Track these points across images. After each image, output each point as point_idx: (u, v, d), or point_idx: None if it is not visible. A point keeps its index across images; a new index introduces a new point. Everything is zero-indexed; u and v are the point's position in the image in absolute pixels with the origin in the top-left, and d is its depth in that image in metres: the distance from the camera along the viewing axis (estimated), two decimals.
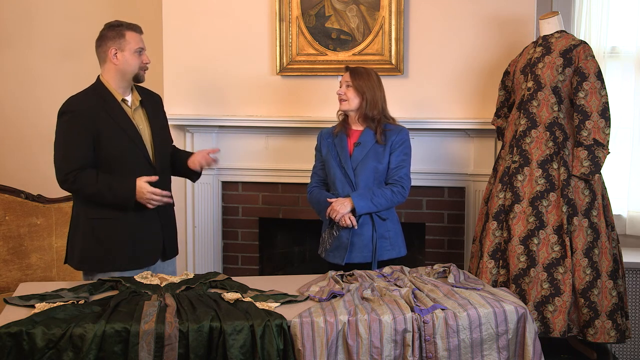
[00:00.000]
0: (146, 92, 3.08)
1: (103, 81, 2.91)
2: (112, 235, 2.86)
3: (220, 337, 2.19)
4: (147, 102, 3.02)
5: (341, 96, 3.12)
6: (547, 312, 3.19)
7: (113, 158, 2.84)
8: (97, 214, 2.87)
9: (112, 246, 2.86)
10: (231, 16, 4.00)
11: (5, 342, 2.13)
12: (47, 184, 4.33)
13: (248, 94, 4.01)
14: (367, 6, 3.84)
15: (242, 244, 4.13)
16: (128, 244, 2.87)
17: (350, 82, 3.11)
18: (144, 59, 2.94)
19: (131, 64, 2.90)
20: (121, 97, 2.91)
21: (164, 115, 3.12)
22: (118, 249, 2.87)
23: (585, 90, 3.22)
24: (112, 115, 2.85)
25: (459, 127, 3.78)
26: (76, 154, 2.81)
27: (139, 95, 2.99)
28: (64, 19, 4.57)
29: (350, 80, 3.11)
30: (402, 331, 2.28)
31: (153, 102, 3.06)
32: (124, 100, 2.92)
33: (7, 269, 3.67)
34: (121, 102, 2.91)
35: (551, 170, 3.26)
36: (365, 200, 3.02)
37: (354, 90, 3.11)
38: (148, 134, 2.95)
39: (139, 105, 2.98)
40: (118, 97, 2.90)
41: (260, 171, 4.04)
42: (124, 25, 2.93)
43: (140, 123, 2.95)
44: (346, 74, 3.14)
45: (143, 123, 2.96)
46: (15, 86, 4.66)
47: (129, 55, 2.89)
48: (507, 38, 3.75)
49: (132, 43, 2.90)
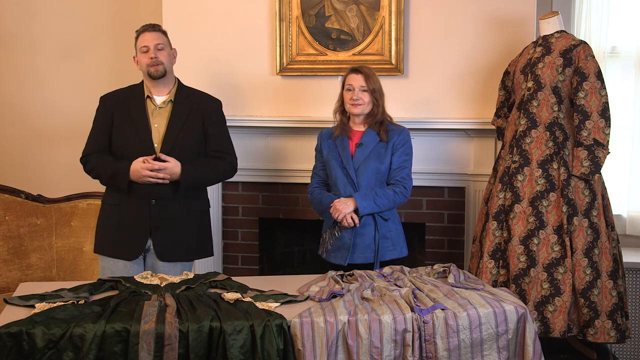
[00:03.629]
0: (194, 94, 3.18)
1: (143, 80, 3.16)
2: (108, 221, 3.10)
3: (220, 337, 2.19)
4: (184, 103, 3.11)
5: (357, 101, 3.10)
6: (547, 312, 3.19)
7: (119, 148, 3.05)
8: (106, 199, 3.15)
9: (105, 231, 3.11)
10: (231, 16, 4.00)
11: (5, 342, 2.13)
12: (47, 184, 4.35)
13: (248, 94, 4.01)
14: (367, 6, 3.84)
15: (242, 244, 4.13)
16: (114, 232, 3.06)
17: (366, 87, 3.10)
18: (149, 55, 3.06)
19: (142, 63, 3.11)
20: (147, 94, 3.09)
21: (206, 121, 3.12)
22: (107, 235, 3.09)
23: (585, 90, 3.22)
24: (130, 109, 3.07)
25: (459, 127, 3.78)
26: (93, 141, 3.11)
27: (174, 95, 3.10)
28: (64, 19, 4.57)
29: (366, 85, 3.10)
30: (402, 331, 2.28)
31: (194, 105, 3.12)
32: (149, 97, 3.08)
33: (7, 269, 3.67)
34: (146, 98, 3.08)
35: (551, 170, 3.26)
36: (368, 201, 3.02)
37: (369, 95, 3.10)
38: (162, 132, 3.04)
39: (168, 104, 3.09)
40: (145, 94, 3.10)
41: (260, 171, 4.04)
42: (138, 31, 3.14)
43: (158, 121, 3.06)
44: (358, 77, 3.11)
45: (162, 121, 3.06)
46: (15, 86, 4.66)
47: (140, 56, 3.12)
48: (507, 38, 3.75)
49: (139, 45, 3.10)
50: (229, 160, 3.19)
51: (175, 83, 3.17)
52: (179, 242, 3.07)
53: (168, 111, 3.08)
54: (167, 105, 3.10)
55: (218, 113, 3.22)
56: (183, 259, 3.11)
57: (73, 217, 3.74)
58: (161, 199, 3.01)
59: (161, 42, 3.10)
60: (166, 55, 3.10)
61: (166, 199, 3.01)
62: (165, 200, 3.01)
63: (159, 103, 3.09)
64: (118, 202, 3.05)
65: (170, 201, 3.02)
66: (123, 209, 3.03)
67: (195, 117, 3.11)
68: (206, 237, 3.20)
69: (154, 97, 3.10)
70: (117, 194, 3.05)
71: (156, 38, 3.09)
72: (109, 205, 3.10)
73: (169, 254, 3.06)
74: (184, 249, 3.10)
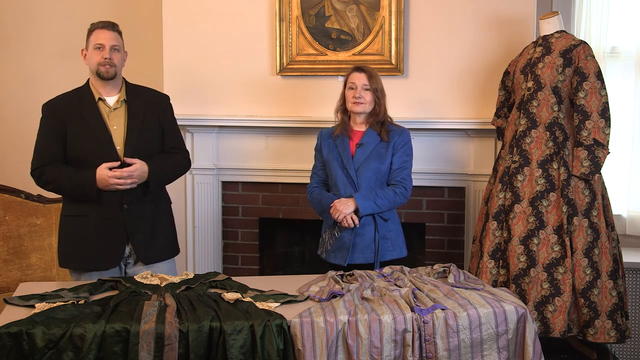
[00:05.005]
0: (143, 91, 3.06)
1: (90, 81, 2.99)
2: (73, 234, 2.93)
3: (220, 337, 2.19)
4: (137, 101, 2.98)
5: (359, 99, 3.10)
6: (547, 312, 3.19)
7: (80, 156, 2.89)
8: (67, 211, 2.97)
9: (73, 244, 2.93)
10: (231, 16, 4.00)
11: (5, 342, 2.13)
12: None
13: (248, 94, 4.01)
14: (367, 6, 3.84)
15: (242, 244, 4.13)
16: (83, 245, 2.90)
17: (368, 85, 3.09)
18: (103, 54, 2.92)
19: (92, 61, 2.95)
20: (98, 97, 2.95)
21: (161, 117, 3.05)
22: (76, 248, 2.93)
23: (585, 90, 3.22)
24: (84, 114, 2.91)
25: (459, 127, 3.78)
26: (43, 152, 2.92)
27: (125, 94, 2.98)
28: (63, 19, 4.57)
29: (369, 83, 3.09)
30: (402, 331, 2.28)
31: (147, 102, 3.01)
32: (100, 99, 2.95)
33: (7, 269, 3.67)
34: (98, 101, 2.94)
35: (551, 170, 3.26)
36: (368, 201, 3.02)
37: (371, 94, 3.10)
38: (122, 133, 2.93)
39: (122, 105, 2.97)
40: (95, 97, 2.95)
41: (260, 171, 4.04)
42: (94, 25, 2.99)
43: (116, 122, 2.94)
44: (361, 76, 3.10)
45: (120, 122, 2.94)
46: (15, 86, 4.66)
47: (91, 52, 2.95)
48: (507, 38, 3.75)
49: (92, 40, 2.95)
50: (185, 155, 3.13)
51: (122, 82, 3.02)
52: (157, 242, 3.00)
53: (123, 111, 2.95)
54: (122, 106, 2.96)
55: (170, 109, 3.13)
56: (164, 257, 3.04)
57: None
58: (132, 203, 2.91)
59: (117, 43, 2.95)
60: (120, 57, 2.96)
61: (137, 202, 2.92)
62: (136, 203, 2.92)
63: (112, 104, 2.94)
64: (85, 212, 2.88)
65: (141, 203, 2.94)
66: (92, 219, 2.88)
67: (150, 114, 3.00)
68: (174, 234, 3.14)
69: (105, 98, 2.95)
70: (81, 205, 2.88)
71: (113, 38, 2.94)
72: (74, 217, 2.92)
73: (150, 256, 2.98)
74: (162, 247, 3.03)
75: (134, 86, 3.06)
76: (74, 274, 3.00)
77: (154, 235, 2.99)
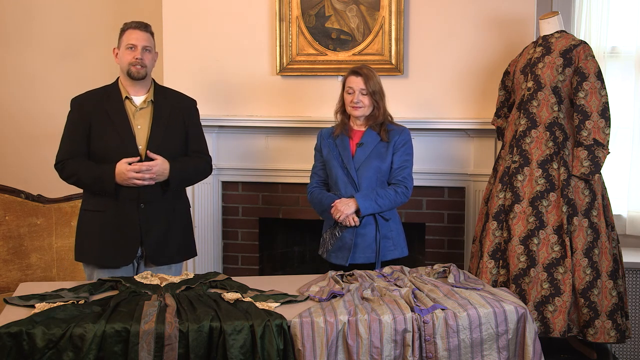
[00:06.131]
0: (171, 94, 3.10)
1: (119, 79, 3.03)
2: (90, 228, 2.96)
3: (220, 337, 2.19)
4: (164, 103, 3.02)
5: (357, 104, 3.09)
6: (547, 312, 3.19)
7: (102, 152, 2.92)
8: (86, 205, 3.01)
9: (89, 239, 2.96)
10: (231, 16, 4.00)
11: (5, 342, 2.13)
12: (47, 184, 4.34)
13: (248, 93, 4.01)
14: (367, 6, 3.84)
15: (242, 244, 4.13)
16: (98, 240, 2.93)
17: (365, 89, 3.09)
18: (135, 54, 2.95)
19: (123, 60, 2.98)
20: (125, 95, 2.97)
21: (187, 121, 3.07)
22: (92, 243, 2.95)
23: (585, 90, 3.22)
24: (109, 112, 2.94)
25: (459, 127, 3.78)
26: (67, 146, 2.96)
27: (152, 95, 3.01)
28: (64, 19, 4.57)
29: (366, 87, 3.09)
30: (402, 331, 2.28)
31: (173, 105, 3.04)
32: (127, 98, 2.97)
33: (7, 269, 3.67)
34: (124, 99, 2.97)
35: (551, 170, 3.26)
36: (369, 201, 3.02)
37: (369, 97, 3.10)
38: (146, 133, 2.95)
39: (148, 105, 2.99)
40: (122, 95, 2.98)
41: (260, 171, 4.04)
42: (127, 24, 3.02)
43: (141, 122, 2.96)
44: (358, 80, 3.10)
45: (144, 122, 2.96)
46: (15, 86, 4.66)
47: (123, 52, 2.99)
48: (507, 38, 3.75)
49: (125, 40, 2.98)
50: (207, 160, 3.15)
51: (151, 83, 3.06)
52: (169, 245, 3.00)
53: (149, 112, 2.98)
54: (148, 106, 2.99)
55: (196, 113, 3.16)
56: (174, 260, 3.05)
57: (73, 217, 3.73)
58: (149, 202, 2.92)
59: (149, 44, 2.98)
60: (151, 58, 2.99)
61: (154, 202, 2.93)
62: (153, 203, 2.93)
63: (138, 104, 2.98)
64: (103, 208, 2.91)
65: (158, 203, 2.94)
66: (109, 215, 2.90)
67: (176, 116, 3.03)
68: (191, 237, 3.15)
69: (132, 97, 2.98)
70: (101, 200, 2.91)
71: (145, 39, 2.97)
72: (92, 211, 2.95)
73: (161, 258, 2.98)
74: (174, 251, 3.03)
75: (163, 88, 3.10)
76: (87, 269, 3.02)
77: (167, 238, 3.00)
